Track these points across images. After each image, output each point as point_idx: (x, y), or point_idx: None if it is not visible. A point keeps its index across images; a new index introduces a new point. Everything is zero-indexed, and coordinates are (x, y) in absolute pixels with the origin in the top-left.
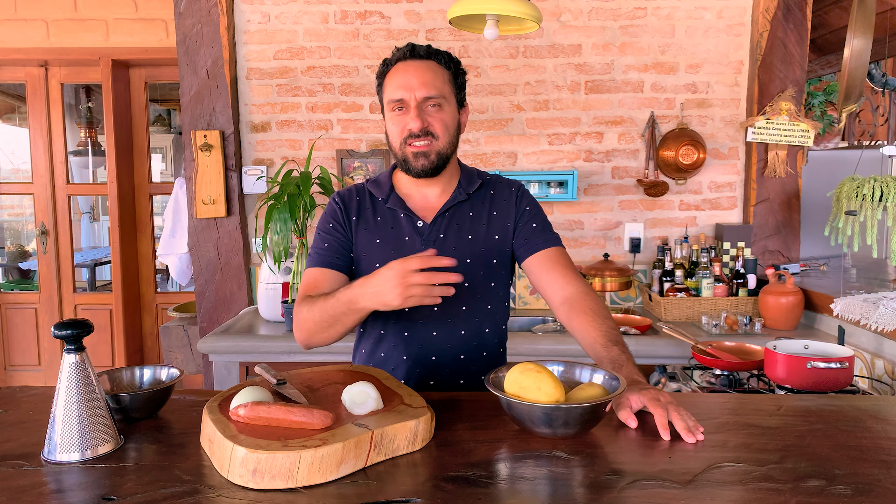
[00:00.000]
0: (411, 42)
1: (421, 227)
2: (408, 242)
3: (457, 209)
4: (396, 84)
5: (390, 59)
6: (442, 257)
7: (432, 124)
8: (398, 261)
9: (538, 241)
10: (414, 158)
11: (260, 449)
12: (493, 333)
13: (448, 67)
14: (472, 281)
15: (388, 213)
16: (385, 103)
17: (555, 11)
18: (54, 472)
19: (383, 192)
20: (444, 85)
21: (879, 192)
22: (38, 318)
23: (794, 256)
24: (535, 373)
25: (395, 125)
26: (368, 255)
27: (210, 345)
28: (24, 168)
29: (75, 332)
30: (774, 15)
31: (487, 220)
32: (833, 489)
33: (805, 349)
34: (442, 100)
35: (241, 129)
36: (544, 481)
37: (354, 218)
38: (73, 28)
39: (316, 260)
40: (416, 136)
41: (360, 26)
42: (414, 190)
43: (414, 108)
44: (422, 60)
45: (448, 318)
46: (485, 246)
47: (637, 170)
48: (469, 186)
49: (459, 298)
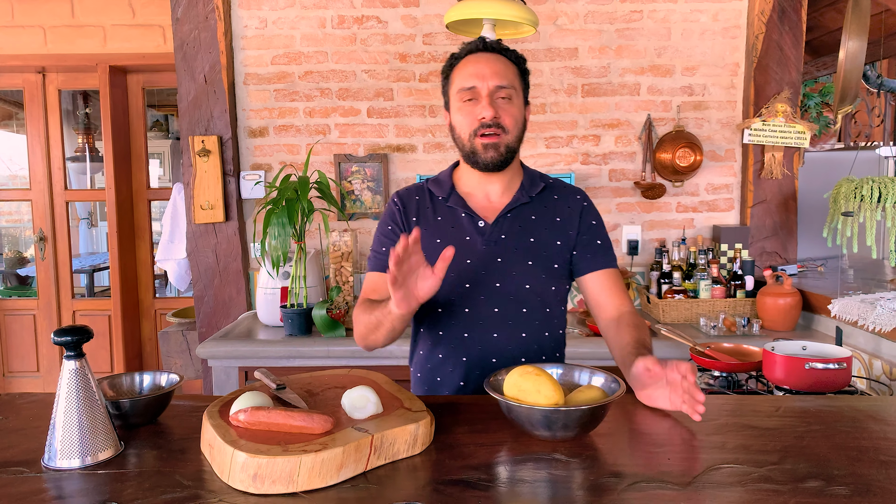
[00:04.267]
0: (482, 36)
1: (482, 227)
2: (469, 242)
3: (519, 211)
4: (468, 73)
5: (459, 52)
6: (405, 237)
7: (503, 117)
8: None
9: (599, 261)
10: (483, 150)
11: (260, 454)
12: (552, 338)
13: (517, 64)
14: (534, 284)
15: (449, 211)
16: (453, 95)
17: (551, 15)
18: (55, 479)
19: (444, 191)
20: (515, 78)
21: (878, 193)
22: (36, 324)
23: (791, 257)
24: (535, 376)
25: (465, 115)
26: (429, 254)
27: (209, 350)
28: (22, 174)
29: (75, 338)
30: (770, 17)
31: (550, 225)
32: (831, 490)
33: (803, 350)
34: (513, 91)
35: (239, 134)
36: (544, 484)
37: (414, 217)
38: (71, 34)
39: (374, 264)
40: (486, 126)
41: (357, 31)
42: (476, 188)
43: (486, 96)
44: (492, 53)
45: (509, 320)
46: (546, 250)
47: (634, 172)
48: (532, 189)
49: (520, 301)
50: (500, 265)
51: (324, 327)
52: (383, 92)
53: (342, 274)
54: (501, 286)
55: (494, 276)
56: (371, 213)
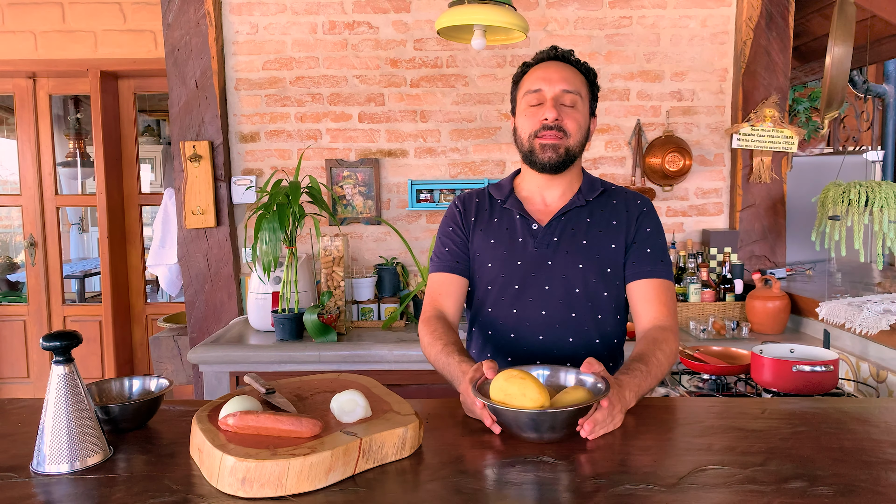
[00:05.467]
0: (554, 45)
1: (535, 230)
2: (520, 244)
3: (574, 214)
4: (536, 77)
5: (531, 61)
6: (486, 414)
7: (566, 122)
8: (464, 391)
9: (645, 269)
10: (541, 150)
11: (249, 458)
12: (604, 346)
13: (586, 75)
14: (584, 287)
15: (505, 214)
16: (520, 99)
17: (541, 21)
18: (43, 484)
19: (503, 194)
20: (582, 86)
21: (865, 196)
22: (26, 330)
23: (780, 261)
24: (520, 379)
25: (529, 118)
26: (482, 255)
27: (200, 355)
28: (13, 179)
29: (64, 343)
30: (757, 23)
31: (605, 228)
32: (815, 490)
33: (791, 353)
34: (578, 97)
35: (230, 139)
36: (531, 486)
37: (473, 219)
38: (62, 40)
39: (437, 265)
40: (548, 128)
41: (348, 36)
42: (535, 191)
43: (550, 99)
44: (562, 62)
45: (556, 323)
46: (599, 253)
47: (624, 177)
48: (590, 193)
49: (569, 305)
50: (550, 268)
51: (315, 332)
52: (374, 97)
53: (333, 279)
54: (550, 289)
55: (544, 279)
56: (362, 218)
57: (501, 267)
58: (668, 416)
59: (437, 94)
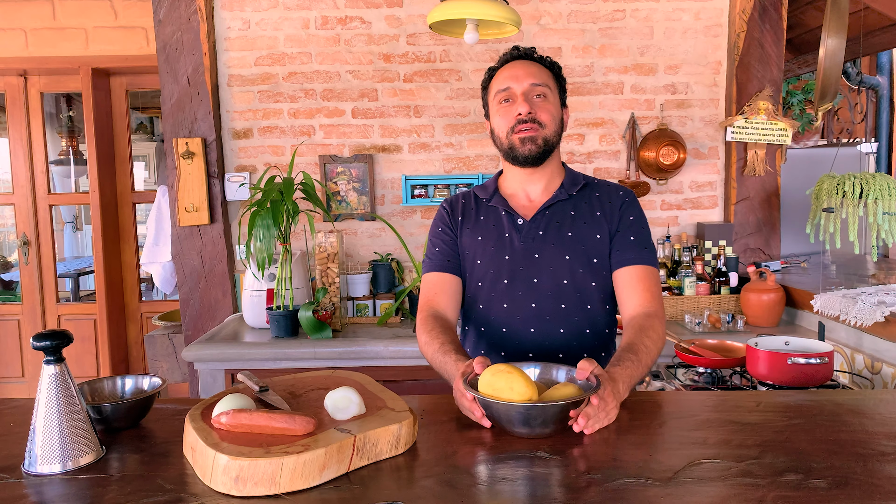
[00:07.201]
0: (516, 45)
1: (521, 225)
2: (507, 239)
3: (558, 207)
4: (503, 77)
5: (496, 64)
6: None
7: (539, 113)
8: (456, 386)
9: (629, 256)
10: (521, 144)
11: (242, 456)
12: (595, 336)
13: (551, 69)
14: (571, 279)
15: (491, 211)
16: (491, 99)
17: (534, 15)
18: (35, 485)
19: (487, 193)
20: (549, 79)
21: (860, 188)
22: (20, 329)
23: (774, 254)
24: (507, 374)
25: (503, 116)
26: (471, 252)
27: (195, 353)
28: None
29: (54, 343)
30: (751, 16)
31: (589, 219)
32: (810, 482)
33: (786, 345)
34: (547, 89)
35: (224, 135)
36: (525, 482)
37: (460, 218)
38: (53, 37)
39: (429, 265)
40: (523, 122)
41: (340, 32)
42: (517, 188)
43: (521, 94)
44: (526, 59)
45: (546, 315)
46: (584, 244)
47: (619, 171)
48: (572, 187)
49: (558, 297)
50: (538, 261)
51: (310, 329)
52: (368, 92)
53: (328, 275)
54: (539, 281)
55: (532, 272)
56: (357, 214)
57: (490, 262)
58: (662, 409)
59: (431, 89)
